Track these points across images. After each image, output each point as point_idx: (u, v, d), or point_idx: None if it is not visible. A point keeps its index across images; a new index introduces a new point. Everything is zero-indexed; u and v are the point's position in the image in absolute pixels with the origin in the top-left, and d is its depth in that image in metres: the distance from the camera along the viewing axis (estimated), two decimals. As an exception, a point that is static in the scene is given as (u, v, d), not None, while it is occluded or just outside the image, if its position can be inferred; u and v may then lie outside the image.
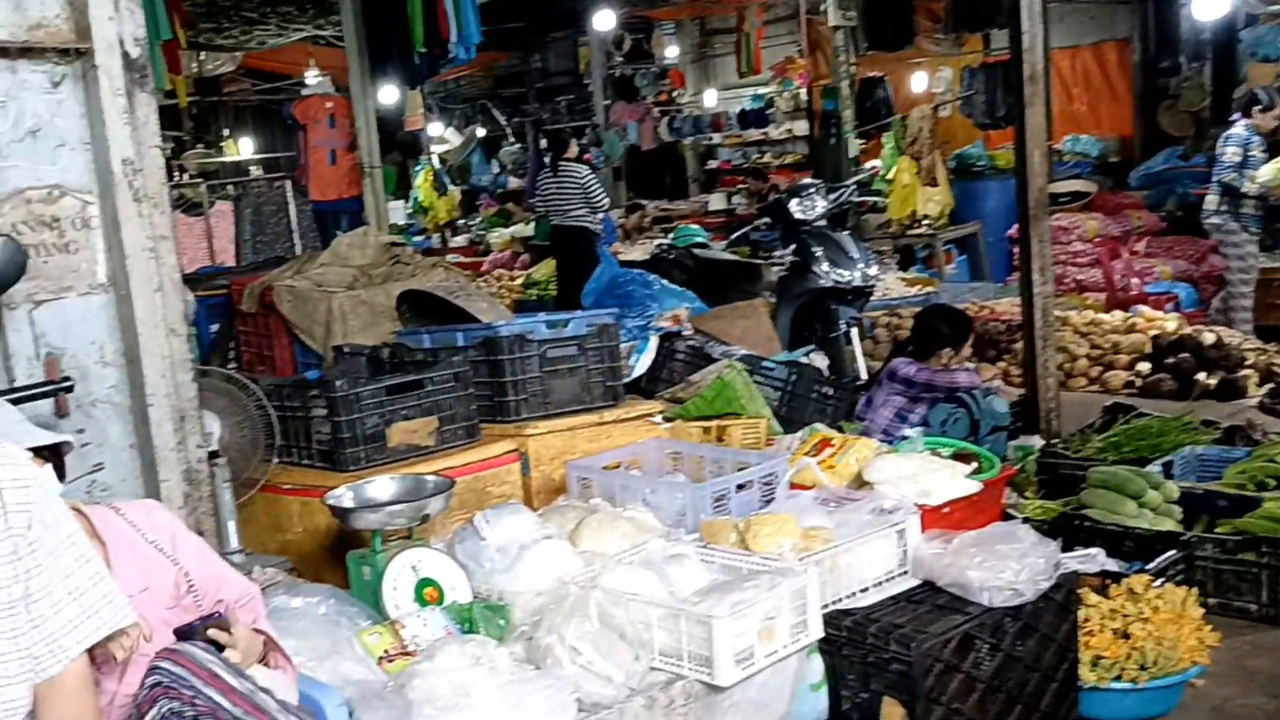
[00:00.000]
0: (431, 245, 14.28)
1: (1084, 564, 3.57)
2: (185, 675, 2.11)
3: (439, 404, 4.01)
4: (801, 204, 6.76)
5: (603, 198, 10.06)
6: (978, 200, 11.11)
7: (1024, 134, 5.80)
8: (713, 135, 18.99)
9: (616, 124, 17.50)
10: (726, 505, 3.59)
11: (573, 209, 9.86)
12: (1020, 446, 5.69)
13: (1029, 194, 5.82)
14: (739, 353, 5.30)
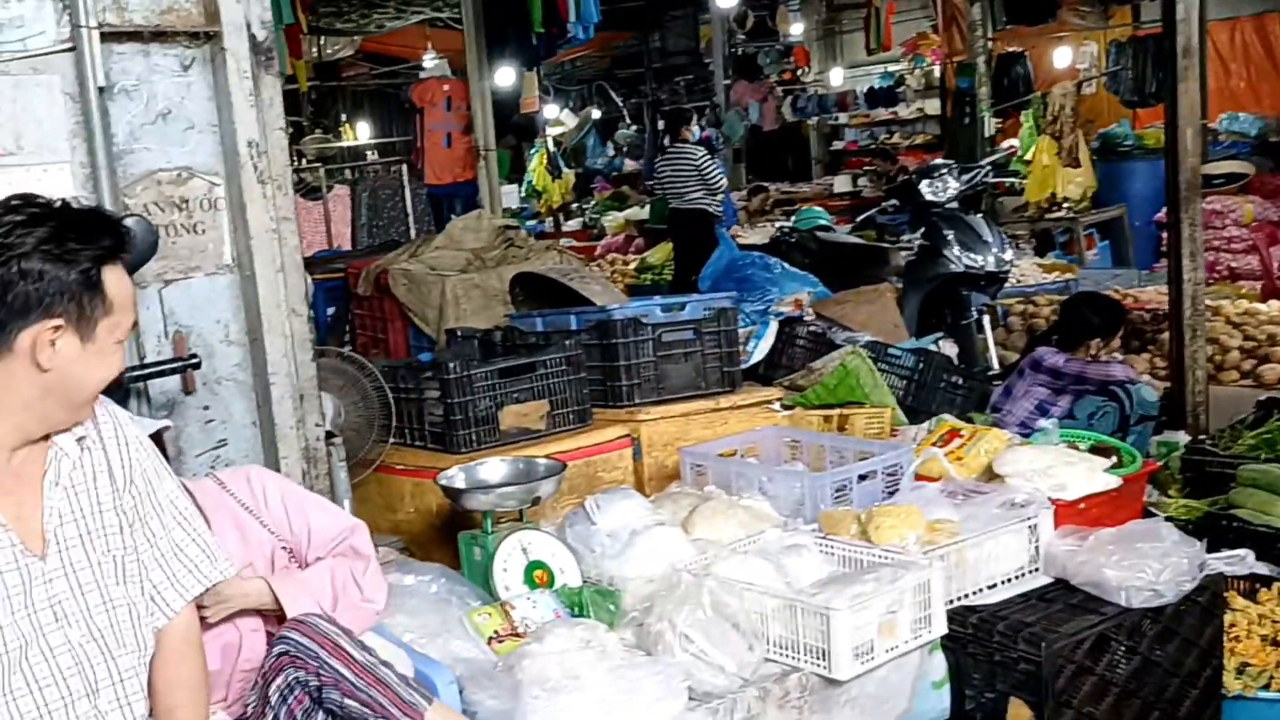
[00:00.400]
0: (544, 229, 14.44)
1: (1231, 566, 3.46)
2: (310, 646, 2.21)
3: (551, 387, 4.08)
4: (932, 185, 6.66)
5: (719, 179, 10.04)
6: (1123, 182, 10.78)
7: (1176, 111, 5.62)
8: (838, 115, 18.82)
9: (738, 104, 17.46)
10: (848, 496, 3.57)
11: (689, 191, 9.87)
12: (1164, 442, 5.52)
13: (1180, 175, 5.64)
14: (863, 339, 5.25)
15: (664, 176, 10.21)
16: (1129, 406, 5.09)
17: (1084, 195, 10.41)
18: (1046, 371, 5.25)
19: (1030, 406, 5.30)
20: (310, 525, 2.56)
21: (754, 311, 5.51)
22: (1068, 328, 5.46)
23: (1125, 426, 5.10)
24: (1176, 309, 5.68)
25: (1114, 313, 5.51)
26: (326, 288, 6.48)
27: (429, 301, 5.88)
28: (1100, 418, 5.10)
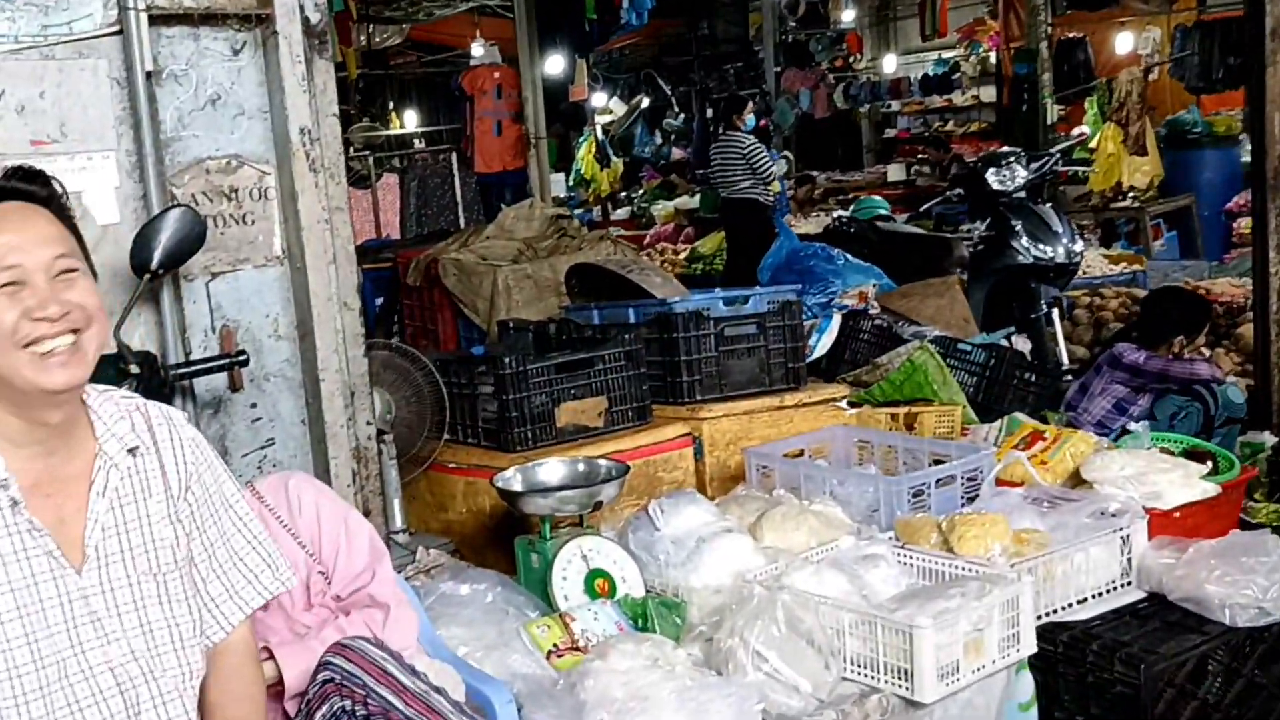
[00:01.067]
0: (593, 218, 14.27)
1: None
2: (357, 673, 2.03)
3: (609, 384, 3.90)
4: (999, 174, 6.41)
5: (768, 167, 9.79)
6: (1191, 171, 10.45)
7: (1263, 95, 5.33)
8: (891, 102, 18.49)
9: (788, 91, 17.20)
10: (925, 502, 3.37)
11: (739, 180, 9.64)
12: (1248, 443, 5.26)
13: (1266, 162, 5.35)
14: (931, 334, 5.03)
15: (715, 165, 9.98)
16: (1214, 408, 4.84)
17: (1151, 184, 10.09)
18: (1126, 369, 5.01)
19: (1108, 405, 5.06)
20: (340, 548, 2.37)
21: (816, 304, 5.31)
22: (1150, 324, 5.21)
23: (1209, 428, 4.85)
24: (1262, 302, 5.40)
25: (1199, 309, 5.26)
26: (374, 278, 6.34)
27: (480, 292, 5.73)
28: (1183, 419, 4.86)
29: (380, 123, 14.65)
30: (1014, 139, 13.04)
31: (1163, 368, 4.95)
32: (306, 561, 2.31)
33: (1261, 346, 5.48)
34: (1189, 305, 5.28)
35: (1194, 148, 10.56)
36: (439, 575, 3.13)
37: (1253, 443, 5.30)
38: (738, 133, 9.78)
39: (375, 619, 2.32)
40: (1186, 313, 5.19)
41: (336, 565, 2.33)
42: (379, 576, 2.37)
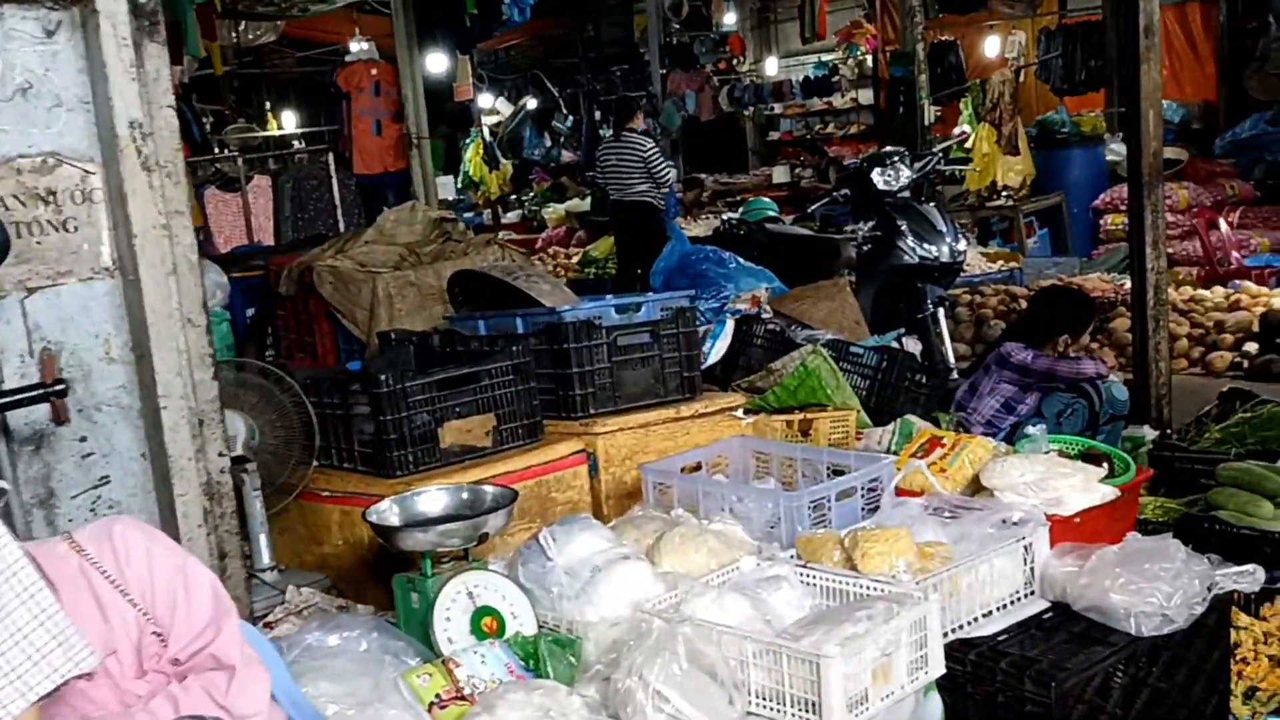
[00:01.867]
0: (482, 222, 13.91)
1: (1242, 583, 3.11)
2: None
3: (497, 399, 3.63)
4: (884, 174, 6.29)
5: (666, 170, 9.60)
6: (1060, 169, 10.53)
7: (1138, 93, 5.27)
8: (774, 105, 18.46)
9: (674, 94, 17.03)
10: (826, 516, 3.17)
11: (635, 182, 9.41)
12: (1130, 437, 5.20)
13: (1142, 160, 5.30)
14: (824, 337, 4.86)
15: (607, 167, 9.71)
16: (1099, 404, 4.75)
17: (1023, 183, 10.14)
18: (1014, 368, 4.89)
19: (997, 404, 4.95)
20: (178, 603, 1.98)
21: (709, 309, 5.09)
22: (1035, 323, 5.11)
23: (1095, 425, 4.77)
24: (1140, 299, 5.35)
25: (1084, 307, 5.19)
26: (245, 287, 5.95)
27: (359, 302, 5.40)
28: (1069, 416, 4.77)
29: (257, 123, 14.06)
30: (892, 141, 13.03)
31: (1049, 366, 4.85)
32: (138, 620, 1.96)
33: (1139, 342, 5.44)
34: (1074, 304, 5.20)
35: (1062, 147, 10.64)
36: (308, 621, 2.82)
37: (1134, 437, 5.25)
38: (635, 134, 9.54)
39: (218, 684, 1.97)
40: (1072, 312, 5.11)
41: (174, 623, 1.98)
42: (224, 633, 2.01)
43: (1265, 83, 13.17)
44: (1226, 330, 6.91)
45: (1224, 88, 13.90)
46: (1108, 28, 13.27)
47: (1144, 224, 5.33)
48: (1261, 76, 13.17)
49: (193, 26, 6.72)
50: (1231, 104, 13.66)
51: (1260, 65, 13.16)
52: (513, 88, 20.04)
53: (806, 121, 18.82)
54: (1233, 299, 7.32)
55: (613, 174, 9.53)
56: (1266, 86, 13.17)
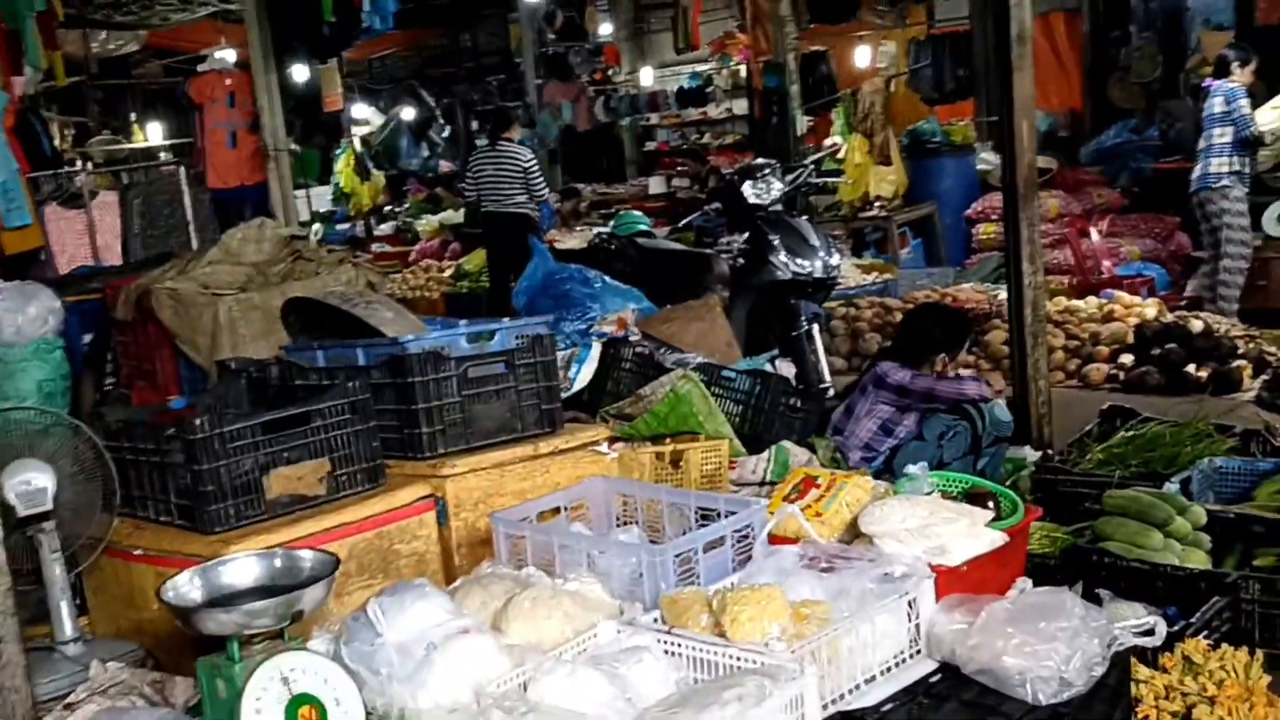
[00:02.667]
0: (356, 234, 13.34)
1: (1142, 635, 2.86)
2: None
3: (331, 442, 3.20)
4: (755, 186, 6.01)
5: (543, 184, 9.20)
6: (932, 179, 10.44)
7: (1011, 103, 5.09)
8: (650, 115, 18.19)
9: (550, 104, 16.64)
10: (693, 570, 2.83)
11: (513, 193, 8.99)
12: (1012, 459, 5.01)
13: (1018, 171, 5.11)
14: (694, 361, 4.54)
15: (482, 177, 9.25)
16: (981, 426, 4.52)
17: (896, 193, 10.00)
18: (891, 389, 4.64)
19: (874, 427, 4.69)
20: None
21: (575, 332, 4.74)
22: (910, 341, 4.87)
23: (977, 448, 4.54)
24: (1018, 315, 5.16)
25: (958, 324, 4.97)
26: (82, 311, 5.40)
27: (199, 327, 4.91)
28: (951, 439, 4.53)
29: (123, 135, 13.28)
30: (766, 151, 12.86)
31: (929, 387, 4.60)
32: None
33: (1018, 359, 5.25)
34: (949, 322, 4.98)
35: (934, 156, 10.56)
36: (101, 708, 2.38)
37: (1016, 459, 5.05)
38: (513, 145, 9.12)
39: None
40: (947, 329, 4.88)
41: None
42: None
43: (1127, 91, 13.37)
44: (1102, 342, 6.80)
45: (1088, 96, 14.07)
46: (975, 37, 13.32)
47: (1020, 237, 5.13)
48: (1124, 85, 13.37)
49: (33, 36, 6.14)
50: (1096, 112, 13.84)
51: (1123, 74, 13.36)
52: (389, 98, 19.44)
53: (683, 132, 18.60)
54: (1106, 309, 7.23)
55: (488, 184, 9.10)
56: (1129, 95, 13.37)
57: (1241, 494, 4.45)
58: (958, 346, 4.83)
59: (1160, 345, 6.49)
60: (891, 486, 3.25)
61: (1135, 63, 13.34)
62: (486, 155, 9.27)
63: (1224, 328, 6.96)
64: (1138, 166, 11.99)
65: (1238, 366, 6.35)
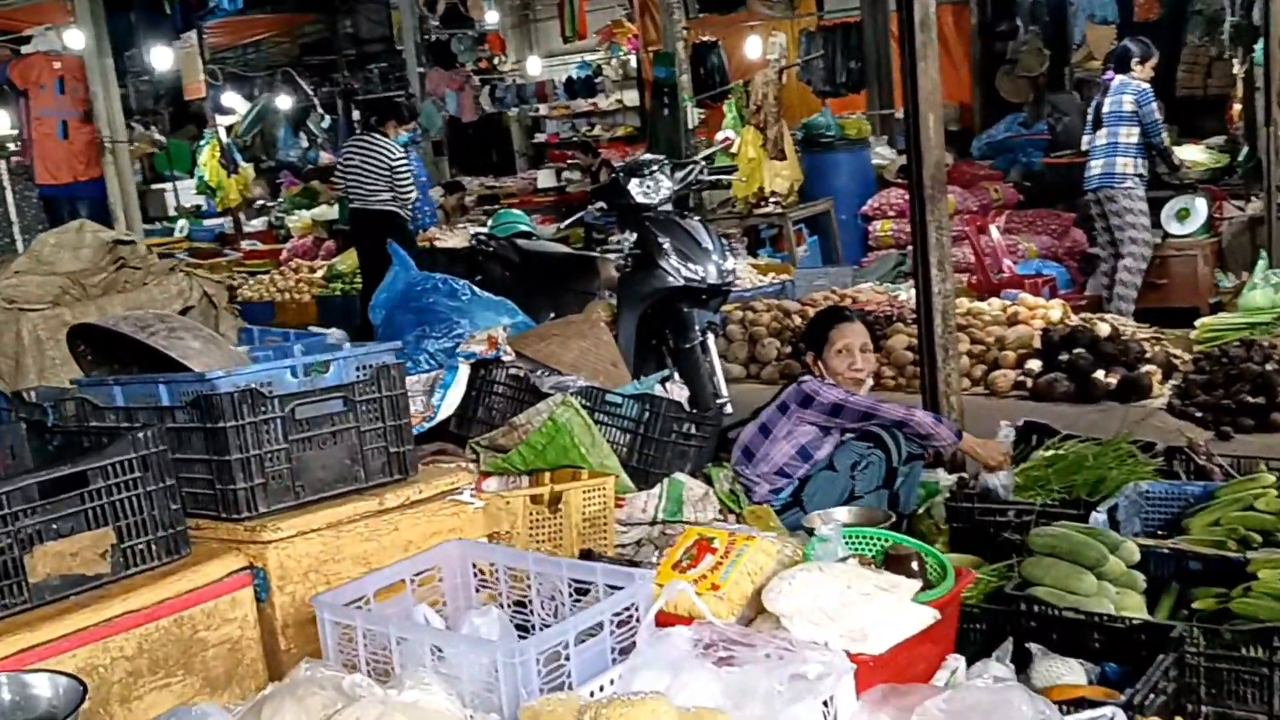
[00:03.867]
0: (225, 231, 12.47)
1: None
2: None
3: (117, 507, 2.58)
4: (643, 185, 5.46)
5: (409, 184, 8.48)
6: (827, 174, 10.02)
7: (916, 94, 4.62)
8: (539, 106, 17.56)
9: (433, 94, 15.89)
10: (563, 669, 2.28)
11: (379, 190, 8.30)
12: (925, 484, 4.55)
13: (924, 169, 4.64)
14: (575, 384, 3.98)
15: (349, 168, 8.52)
16: (896, 456, 4.05)
17: (791, 189, 9.56)
18: (823, 407, 4.12)
19: (792, 450, 4.17)
20: None
21: (440, 350, 4.14)
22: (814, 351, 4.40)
23: (891, 480, 4.07)
24: (927, 326, 4.70)
25: (821, 320, 4.50)
26: None
27: (1, 349, 4.19)
28: (863, 469, 4.05)
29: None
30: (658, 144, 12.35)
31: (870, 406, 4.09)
32: None
33: (929, 373, 4.79)
34: (813, 322, 4.54)
35: (828, 150, 10.14)
36: None
37: (928, 484, 4.60)
38: (383, 139, 8.42)
39: None
40: (810, 328, 4.44)
41: None
42: None
43: (1015, 85, 13.24)
44: (1008, 347, 6.45)
45: (977, 90, 13.90)
46: (866, 28, 13.00)
47: (928, 241, 4.68)
48: (1012, 79, 13.22)
49: None
50: (985, 106, 13.67)
51: (1011, 68, 13.21)
52: (264, 85, 18.45)
53: (573, 123, 18.01)
54: (1010, 311, 6.88)
55: (354, 178, 8.37)
56: (1017, 89, 13.24)
57: (1170, 521, 4.06)
58: (822, 344, 4.33)
59: (1068, 350, 6.16)
60: (798, 545, 2.74)
61: (1022, 56, 13.21)
62: (355, 147, 8.55)
63: (1130, 330, 6.67)
64: (1028, 161, 11.81)
65: (1147, 372, 6.04)
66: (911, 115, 4.66)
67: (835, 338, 4.29)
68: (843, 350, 4.26)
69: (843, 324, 4.35)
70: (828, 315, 4.56)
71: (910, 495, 4.30)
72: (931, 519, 4.35)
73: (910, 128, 4.69)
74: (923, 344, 4.76)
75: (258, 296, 9.27)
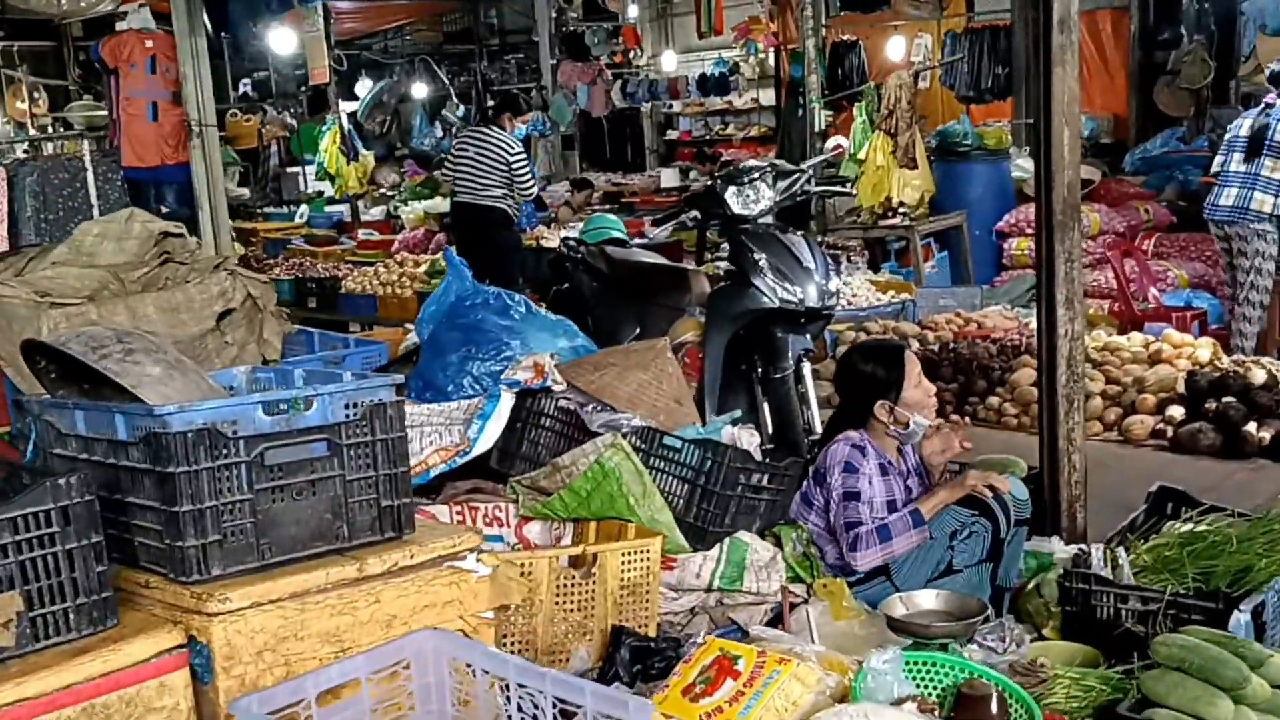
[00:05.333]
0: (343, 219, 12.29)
1: None
2: None
3: (26, 568, 2.14)
4: (741, 194, 4.87)
5: (529, 180, 8.10)
6: (961, 186, 9.22)
7: (1049, 104, 3.94)
8: (672, 103, 17.02)
9: (565, 86, 15.54)
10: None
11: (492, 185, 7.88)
12: (1034, 554, 3.89)
13: (1054, 191, 3.96)
14: (629, 424, 3.43)
15: (459, 161, 8.13)
16: (1005, 527, 3.40)
17: (921, 200, 8.82)
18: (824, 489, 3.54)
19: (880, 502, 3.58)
20: None
21: (486, 375, 3.64)
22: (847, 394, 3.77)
23: (998, 553, 3.42)
24: (1049, 373, 4.01)
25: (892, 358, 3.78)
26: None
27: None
28: (965, 539, 3.41)
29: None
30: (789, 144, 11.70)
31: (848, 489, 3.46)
32: None
33: (1048, 428, 4.10)
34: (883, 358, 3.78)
35: (964, 160, 9.33)
36: None
37: (1039, 554, 3.92)
38: (501, 132, 8.03)
39: None
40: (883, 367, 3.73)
41: None
42: None
43: (1176, 97, 12.11)
44: (1147, 390, 5.66)
45: (1134, 101, 12.85)
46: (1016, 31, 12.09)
47: (1055, 275, 3.98)
48: (1173, 90, 12.11)
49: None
50: (1141, 118, 12.62)
51: (1172, 79, 12.10)
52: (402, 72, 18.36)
53: (706, 121, 17.43)
54: (1153, 349, 6.07)
55: (465, 170, 7.98)
56: (1177, 101, 12.12)
57: (1335, 630, 3.32)
58: (897, 388, 3.66)
59: (1216, 398, 5.36)
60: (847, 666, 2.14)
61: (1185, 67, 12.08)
62: (469, 138, 8.16)
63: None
64: (1184, 179, 10.76)
65: (1309, 430, 5.20)
66: (1043, 128, 3.98)
67: (909, 369, 3.66)
68: (918, 379, 3.65)
69: (906, 353, 3.72)
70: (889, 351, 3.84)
71: (1012, 568, 3.64)
72: (1041, 598, 3.69)
73: (1041, 142, 4.00)
74: (1043, 393, 4.07)
75: (360, 289, 8.97)
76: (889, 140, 8.70)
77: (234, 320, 4.24)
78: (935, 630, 2.93)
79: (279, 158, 16.06)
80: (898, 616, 2.99)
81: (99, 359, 2.43)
